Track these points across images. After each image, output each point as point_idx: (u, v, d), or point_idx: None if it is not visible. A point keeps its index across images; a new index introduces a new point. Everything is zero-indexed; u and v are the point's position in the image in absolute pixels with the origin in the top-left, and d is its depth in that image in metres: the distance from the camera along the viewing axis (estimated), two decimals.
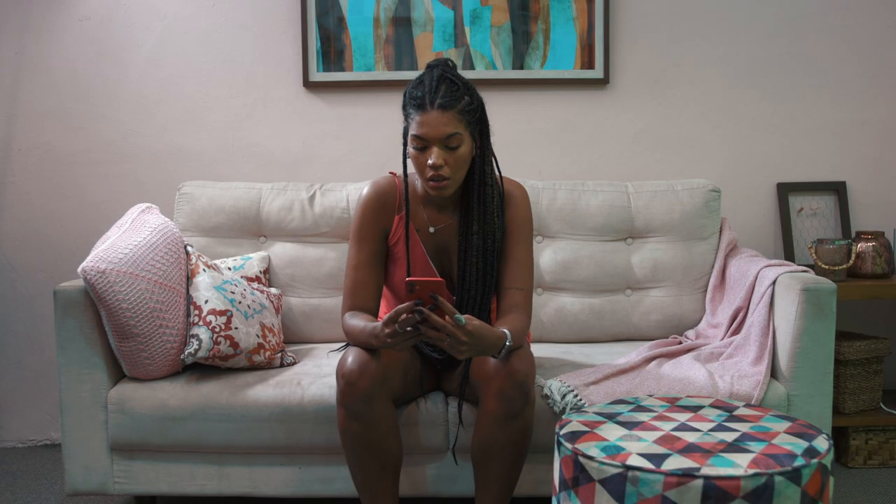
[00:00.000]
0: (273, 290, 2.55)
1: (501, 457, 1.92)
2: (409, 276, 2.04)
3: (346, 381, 1.86)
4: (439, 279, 1.75)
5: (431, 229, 2.07)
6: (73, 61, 2.97)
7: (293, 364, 2.35)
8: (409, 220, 2.04)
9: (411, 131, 1.92)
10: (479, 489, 1.98)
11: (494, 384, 1.86)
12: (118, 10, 2.96)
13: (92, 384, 2.20)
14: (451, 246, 2.07)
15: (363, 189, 2.08)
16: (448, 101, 1.89)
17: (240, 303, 2.31)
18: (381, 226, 2.06)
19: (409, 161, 1.99)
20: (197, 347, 2.19)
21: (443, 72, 1.93)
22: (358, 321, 1.95)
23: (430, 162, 1.90)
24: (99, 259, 2.12)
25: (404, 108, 1.95)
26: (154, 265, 2.20)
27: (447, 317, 1.73)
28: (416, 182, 2.09)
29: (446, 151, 1.91)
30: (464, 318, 1.74)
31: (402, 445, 1.99)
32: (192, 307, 2.26)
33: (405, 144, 1.97)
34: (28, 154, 2.99)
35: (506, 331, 1.86)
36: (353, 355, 1.90)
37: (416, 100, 1.91)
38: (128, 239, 2.22)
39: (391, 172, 2.14)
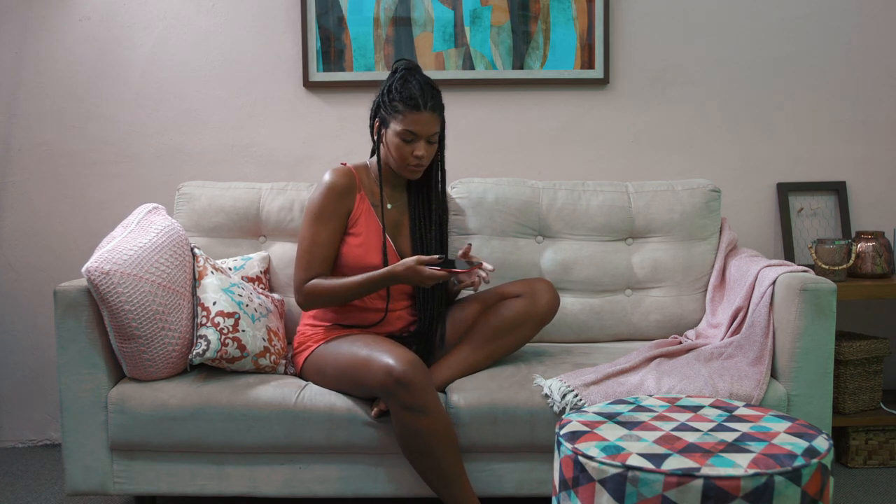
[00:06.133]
0: (276, 296, 2.55)
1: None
2: (364, 245, 2.28)
3: (403, 381, 1.97)
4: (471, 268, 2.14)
5: (389, 206, 2.33)
6: (73, 61, 2.97)
7: (296, 375, 2.33)
8: (383, 197, 2.31)
9: (403, 126, 2.19)
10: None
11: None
12: (118, 10, 2.96)
13: (92, 384, 2.20)
14: (401, 219, 2.35)
15: (325, 175, 2.28)
16: (436, 104, 2.21)
17: (247, 306, 2.31)
18: (347, 207, 2.27)
19: (383, 147, 2.26)
20: (205, 348, 2.19)
21: (424, 76, 2.22)
22: (335, 279, 2.19)
23: (417, 153, 2.20)
24: (103, 260, 2.11)
25: (390, 102, 2.20)
26: (158, 268, 2.20)
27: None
28: (371, 166, 2.36)
29: (428, 145, 2.22)
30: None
31: None
32: (199, 308, 2.26)
33: (380, 132, 2.25)
34: (28, 154, 2.99)
35: None
36: (390, 356, 2.01)
37: (410, 100, 2.17)
38: (133, 240, 2.22)
39: (343, 164, 2.34)
